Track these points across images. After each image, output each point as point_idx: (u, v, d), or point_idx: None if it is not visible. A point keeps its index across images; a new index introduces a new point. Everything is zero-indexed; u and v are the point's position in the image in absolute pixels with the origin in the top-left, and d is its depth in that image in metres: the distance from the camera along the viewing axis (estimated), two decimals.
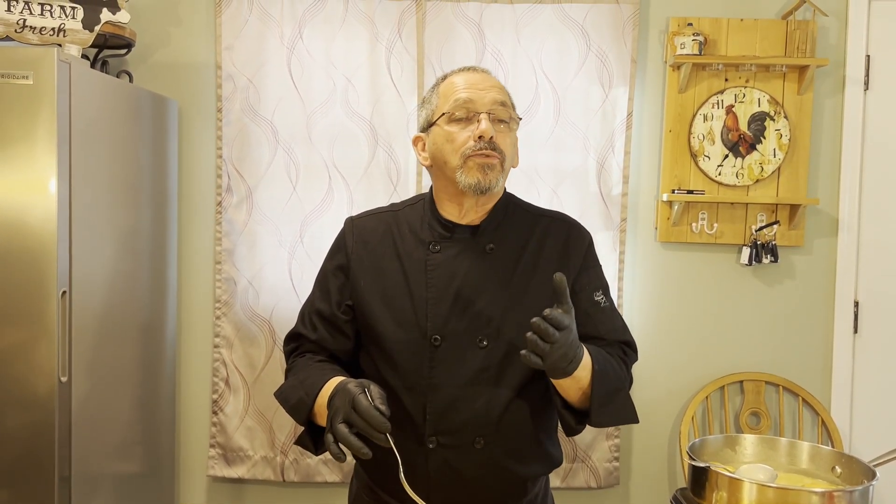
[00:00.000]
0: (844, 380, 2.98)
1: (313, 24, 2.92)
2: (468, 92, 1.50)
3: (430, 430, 1.49)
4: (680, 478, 3.03)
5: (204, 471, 3.06)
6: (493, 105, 1.50)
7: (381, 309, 1.54)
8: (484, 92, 1.51)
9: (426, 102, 1.59)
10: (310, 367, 1.56)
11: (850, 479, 1.57)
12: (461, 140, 1.49)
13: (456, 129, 1.50)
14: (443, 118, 1.51)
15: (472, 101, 1.50)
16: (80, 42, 2.50)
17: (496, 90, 1.53)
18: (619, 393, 1.49)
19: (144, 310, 2.73)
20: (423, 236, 1.57)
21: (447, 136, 1.51)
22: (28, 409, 2.17)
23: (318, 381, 1.48)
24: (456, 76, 1.56)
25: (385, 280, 1.55)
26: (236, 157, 2.96)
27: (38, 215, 2.16)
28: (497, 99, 1.51)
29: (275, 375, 2.97)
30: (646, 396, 3.00)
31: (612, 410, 1.47)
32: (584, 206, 2.93)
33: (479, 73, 1.56)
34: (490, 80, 1.55)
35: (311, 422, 1.50)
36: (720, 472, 1.48)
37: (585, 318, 1.53)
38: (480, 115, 1.49)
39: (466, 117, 1.50)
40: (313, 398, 1.46)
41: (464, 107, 1.50)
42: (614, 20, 2.89)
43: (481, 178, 1.48)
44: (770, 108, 2.90)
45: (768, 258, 2.89)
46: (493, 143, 1.48)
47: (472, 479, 1.51)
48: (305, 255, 2.95)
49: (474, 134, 1.48)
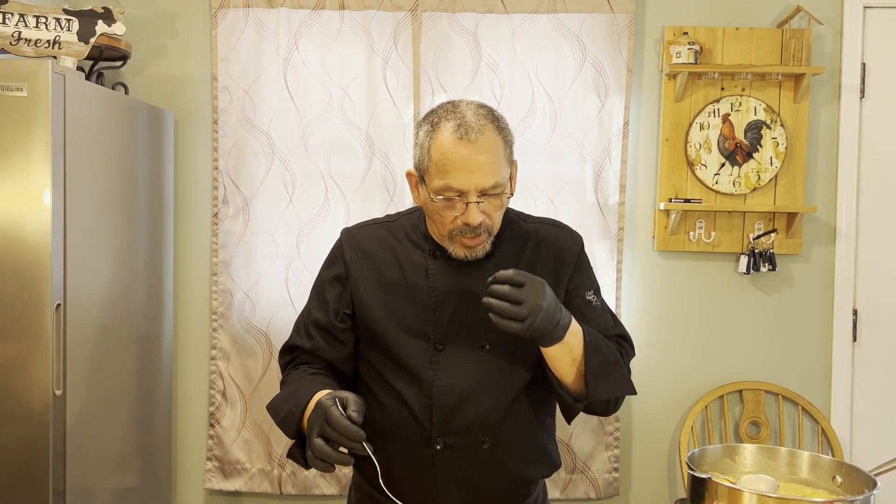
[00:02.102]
0: (844, 388, 2.97)
1: (309, 36, 2.92)
2: (459, 177, 1.42)
3: (436, 431, 1.51)
4: (680, 488, 3.01)
5: (201, 484, 3.04)
6: (483, 190, 1.44)
7: (384, 315, 1.56)
8: (475, 175, 1.42)
9: (419, 146, 1.51)
10: (300, 380, 1.55)
11: (851, 488, 1.56)
12: (448, 218, 1.47)
13: (442, 206, 1.46)
14: (432, 187, 1.47)
15: (461, 190, 1.44)
16: (76, 54, 2.49)
17: (488, 169, 1.43)
18: (615, 367, 1.51)
19: (140, 322, 2.72)
20: (422, 244, 1.59)
21: (436, 209, 1.48)
22: (22, 423, 2.15)
23: (305, 395, 1.47)
24: (449, 141, 1.44)
25: (386, 286, 1.57)
26: (232, 169, 2.95)
27: (32, 227, 2.15)
28: (487, 185, 1.44)
29: (272, 387, 2.95)
30: (645, 406, 2.99)
31: (608, 382, 1.49)
32: (582, 215, 2.92)
33: (472, 145, 1.43)
34: (483, 156, 1.43)
35: (301, 434, 1.50)
36: (720, 483, 1.47)
37: (579, 317, 1.55)
38: (469, 203, 1.44)
39: (457, 196, 1.45)
40: (301, 411, 1.46)
41: (453, 192, 1.44)
42: (610, 30, 2.90)
43: (468, 253, 1.50)
44: (766, 116, 2.90)
45: (766, 267, 2.88)
46: (480, 227, 1.46)
47: (477, 480, 1.54)
48: (302, 266, 2.94)
49: (461, 219, 1.46)
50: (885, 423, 2.98)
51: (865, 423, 2.98)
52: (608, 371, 1.49)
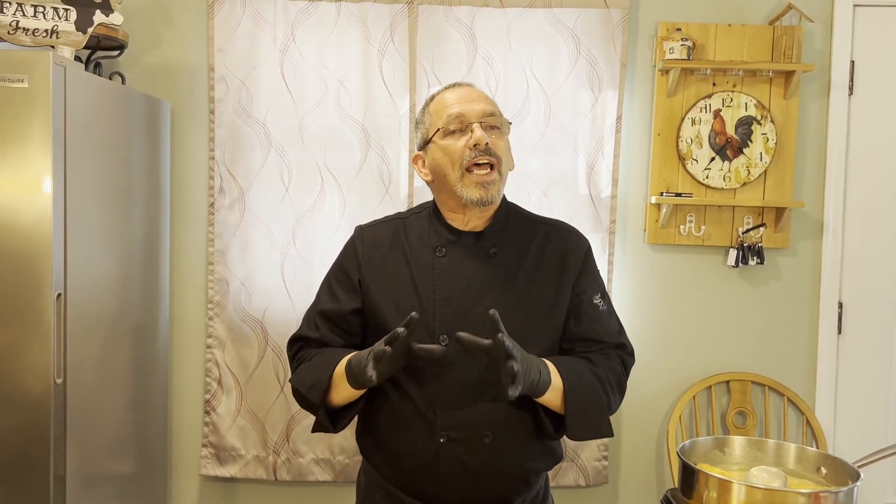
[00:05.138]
0: (828, 380, 3.04)
1: (306, 27, 2.94)
2: (459, 106, 1.59)
3: (440, 425, 1.56)
4: (668, 476, 3.07)
5: (197, 470, 3.08)
6: (484, 115, 1.59)
7: (392, 310, 1.61)
8: (473, 104, 1.60)
9: (420, 123, 1.67)
10: (323, 353, 1.64)
11: (836, 479, 1.61)
12: (458, 151, 1.57)
13: (451, 141, 1.58)
14: (438, 134, 1.59)
15: (463, 114, 1.58)
16: (74, 44, 2.50)
17: (484, 101, 1.62)
18: (593, 406, 1.56)
19: (138, 311, 2.74)
20: (429, 242, 1.64)
21: (444, 149, 1.58)
22: (23, 410, 2.18)
23: (333, 360, 1.58)
24: (444, 93, 1.65)
25: (394, 283, 1.63)
26: (229, 159, 2.97)
27: (33, 217, 2.17)
28: (486, 110, 1.60)
29: (267, 376, 2.99)
30: (634, 396, 3.04)
31: (587, 426, 1.55)
32: (574, 208, 2.96)
33: (465, 88, 1.65)
34: (476, 92, 1.65)
35: (326, 406, 1.59)
36: (710, 475, 1.52)
37: (585, 321, 1.62)
38: (473, 125, 1.57)
39: (460, 129, 1.58)
40: (330, 374, 1.55)
41: (456, 120, 1.58)
42: (604, 25, 2.92)
43: (483, 193, 1.56)
44: (757, 112, 2.94)
45: (754, 260, 2.94)
46: (489, 148, 1.56)
47: (480, 473, 1.58)
48: (298, 256, 2.97)
49: (469, 143, 1.56)
50: (868, 413, 3.05)
51: (848, 414, 3.05)
52: (588, 414, 1.55)
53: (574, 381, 1.54)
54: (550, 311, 1.63)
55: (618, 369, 1.66)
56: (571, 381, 1.54)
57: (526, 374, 1.43)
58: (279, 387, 2.99)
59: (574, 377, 1.55)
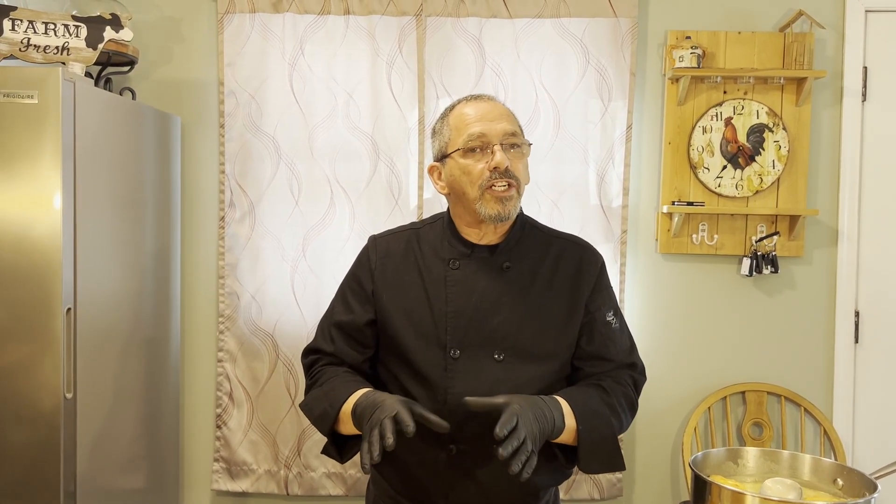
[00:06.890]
0: (846, 390, 2.99)
1: (314, 40, 2.95)
2: (480, 125, 1.56)
3: (450, 437, 1.55)
4: (683, 488, 3.03)
5: (208, 485, 3.07)
6: (505, 135, 1.56)
7: (403, 322, 1.60)
8: (495, 123, 1.56)
9: (437, 133, 1.64)
10: (334, 379, 1.62)
11: (852, 491, 1.58)
12: (477, 172, 1.55)
13: (471, 161, 1.56)
14: (457, 152, 1.57)
15: (484, 135, 1.55)
16: (84, 60, 2.52)
17: (506, 119, 1.58)
18: (606, 443, 1.55)
19: (148, 325, 2.74)
20: (442, 254, 1.63)
21: (463, 168, 1.57)
22: (33, 425, 2.18)
23: (341, 395, 1.55)
24: (465, 106, 1.61)
25: (406, 294, 1.62)
26: (239, 172, 2.98)
27: (43, 232, 2.17)
28: (508, 129, 1.57)
29: (278, 390, 2.98)
30: (649, 408, 3.01)
31: (599, 460, 1.55)
32: (585, 218, 2.94)
33: (487, 102, 1.61)
34: (499, 109, 1.60)
35: (334, 433, 1.58)
36: (723, 487, 1.49)
37: (598, 339, 1.62)
38: (494, 146, 1.54)
39: (480, 148, 1.55)
40: (336, 410, 1.53)
41: (478, 139, 1.55)
42: (613, 34, 2.91)
43: (501, 209, 1.55)
44: (769, 119, 2.92)
45: (769, 269, 2.90)
46: (508, 170, 1.55)
47: (488, 485, 1.57)
48: (308, 269, 2.97)
49: (489, 165, 1.54)
50: (887, 424, 2.99)
51: (867, 425, 3.00)
52: (602, 450, 1.54)
53: (588, 419, 1.53)
54: (564, 327, 1.61)
55: (630, 393, 1.65)
56: (585, 420, 1.52)
57: (539, 435, 1.42)
58: (290, 400, 2.98)
59: (588, 414, 1.54)
